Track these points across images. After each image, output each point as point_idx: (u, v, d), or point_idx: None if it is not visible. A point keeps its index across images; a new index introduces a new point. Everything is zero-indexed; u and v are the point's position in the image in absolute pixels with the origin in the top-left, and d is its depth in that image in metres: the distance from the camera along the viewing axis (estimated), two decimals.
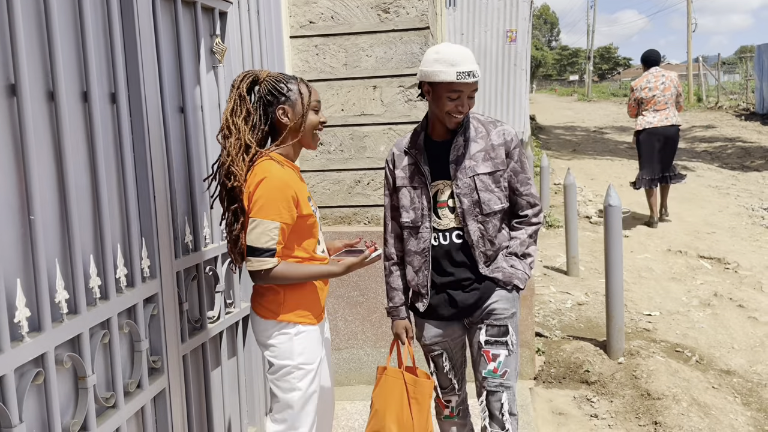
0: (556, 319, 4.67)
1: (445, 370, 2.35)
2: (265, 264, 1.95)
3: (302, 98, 2.05)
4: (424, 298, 2.27)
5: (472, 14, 9.70)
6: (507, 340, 2.22)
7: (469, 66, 2.05)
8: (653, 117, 6.74)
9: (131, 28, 1.92)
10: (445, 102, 2.09)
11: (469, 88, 2.08)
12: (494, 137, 2.19)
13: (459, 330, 2.32)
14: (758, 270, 5.59)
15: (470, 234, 2.18)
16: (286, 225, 1.98)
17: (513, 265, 2.23)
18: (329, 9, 3.50)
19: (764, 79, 19.82)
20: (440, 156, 2.20)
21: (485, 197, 2.16)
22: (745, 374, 3.81)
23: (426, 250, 2.22)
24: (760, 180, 10.04)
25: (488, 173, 2.17)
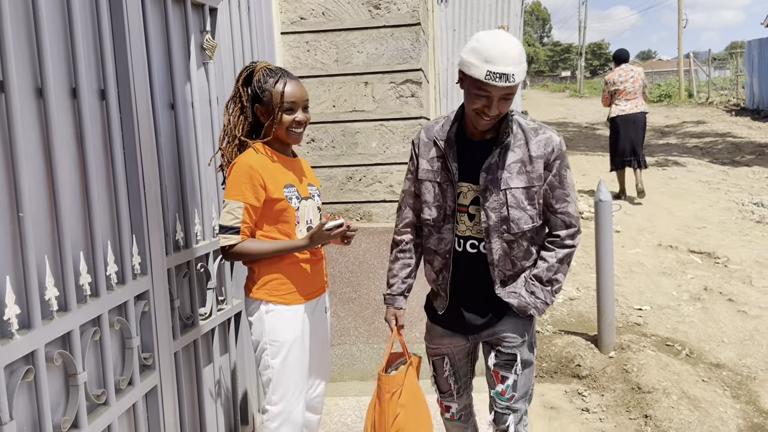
0: (547, 314, 4.69)
1: (445, 374, 2.26)
2: (228, 240, 2.10)
3: (273, 98, 2.12)
4: (444, 300, 2.12)
5: (464, 10, 9.70)
6: (514, 368, 2.08)
7: (504, 68, 1.77)
8: (625, 105, 7.81)
9: (120, 24, 1.91)
10: (473, 98, 1.86)
11: (499, 92, 1.81)
12: (533, 147, 1.94)
13: (463, 341, 2.18)
14: (748, 264, 5.63)
15: (492, 252, 1.98)
16: (251, 206, 2.10)
17: (534, 292, 2.03)
18: (320, 5, 3.49)
19: (754, 74, 19.95)
20: (471, 156, 1.98)
21: (515, 215, 1.95)
22: (734, 367, 3.85)
23: (448, 253, 2.04)
24: (750, 175, 10.11)
25: (522, 188, 1.94)
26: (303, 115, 2.18)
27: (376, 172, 3.59)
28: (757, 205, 7.85)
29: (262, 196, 2.11)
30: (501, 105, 1.85)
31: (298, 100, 2.15)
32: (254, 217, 2.13)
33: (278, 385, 2.18)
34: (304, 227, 2.23)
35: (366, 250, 3.52)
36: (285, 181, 2.17)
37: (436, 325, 2.21)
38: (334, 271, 3.53)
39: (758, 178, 9.76)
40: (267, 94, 2.13)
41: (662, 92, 27.59)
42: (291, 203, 2.16)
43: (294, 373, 2.19)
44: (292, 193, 2.18)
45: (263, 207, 2.13)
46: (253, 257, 2.15)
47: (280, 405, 2.18)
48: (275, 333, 2.16)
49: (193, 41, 2.50)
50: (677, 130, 16.89)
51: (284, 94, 2.11)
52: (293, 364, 2.18)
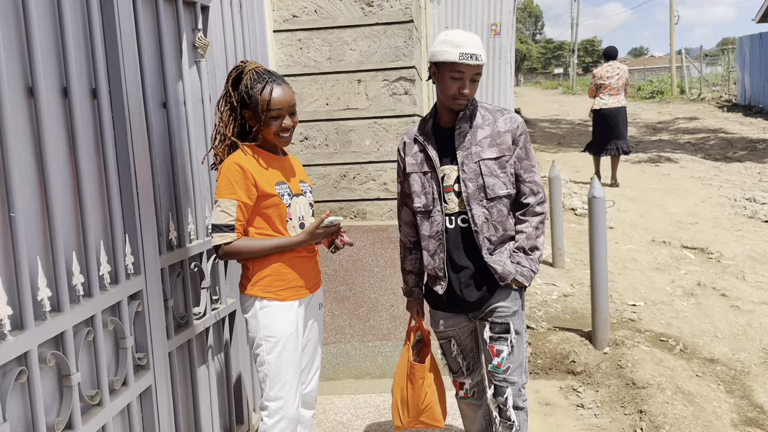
0: (542, 311, 4.71)
1: (453, 354, 2.46)
2: (223, 239, 2.12)
3: (260, 106, 2.14)
4: (442, 280, 2.31)
5: (457, 8, 9.69)
6: (508, 337, 2.27)
7: (473, 49, 2.11)
8: (608, 99, 8.66)
9: (111, 23, 1.90)
10: (448, 83, 2.16)
11: (471, 71, 2.13)
12: (501, 124, 2.24)
13: (465, 320, 2.38)
14: (740, 259, 5.66)
15: (474, 218, 2.21)
16: (244, 203, 2.12)
17: (519, 262, 2.25)
18: (313, 3, 3.48)
19: (746, 70, 20.04)
20: (447, 142, 2.26)
21: (490, 182, 2.20)
22: (728, 362, 3.87)
23: (440, 234, 2.27)
24: (743, 170, 10.16)
25: (494, 158, 2.21)
26: (290, 121, 2.20)
27: (369, 170, 3.58)
28: (749, 200, 7.89)
29: (254, 194, 2.13)
30: (472, 85, 2.17)
31: (284, 106, 2.16)
32: (247, 215, 2.16)
33: (275, 381, 2.19)
34: (296, 223, 2.24)
35: (360, 248, 3.52)
36: (276, 179, 2.20)
37: (439, 310, 2.40)
38: (328, 269, 3.53)
39: (750, 174, 9.82)
40: (254, 101, 2.15)
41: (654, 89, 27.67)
42: (283, 200, 2.18)
43: (290, 368, 2.20)
44: (283, 190, 2.20)
45: (255, 204, 2.15)
46: (248, 255, 2.17)
47: (279, 401, 2.20)
48: (270, 329, 2.18)
49: (185, 40, 2.49)
50: (670, 127, 16.96)
51: (270, 102, 2.13)
52: (289, 359, 2.20)
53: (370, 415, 3.23)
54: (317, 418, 3.19)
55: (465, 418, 2.62)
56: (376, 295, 3.53)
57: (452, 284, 2.30)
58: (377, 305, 3.54)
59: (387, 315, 3.54)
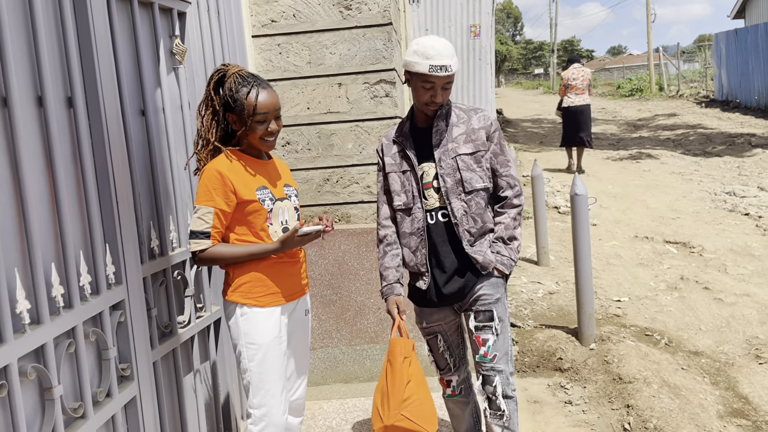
0: (528, 309, 4.73)
1: (441, 350, 2.48)
2: (199, 245, 2.11)
3: (246, 110, 2.13)
4: (424, 276, 2.36)
5: (436, 10, 9.73)
6: (492, 325, 2.33)
7: (442, 60, 2.18)
8: (575, 98, 9.80)
9: (86, 30, 1.88)
10: (420, 92, 2.26)
11: (441, 81, 2.22)
12: (475, 122, 2.34)
13: (451, 314, 2.43)
14: (722, 252, 5.73)
15: (454, 211, 2.29)
16: (222, 210, 2.12)
17: (499, 251, 2.34)
18: (291, 7, 3.47)
19: (723, 66, 20.33)
20: (425, 141, 2.35)
21: (467, 176, 2.29)
22: (712, 354, 3.91)
23: (421, 230, 2.34)
24: (722, 165, 10.29)
25: (469, 154, 2.30)
26: (275, 125, 2.20)
27: (353, 173, 3.58)
28: (729, 194, 7.99)
29: (233, 201, 2.13)
30: (443, 94, 2.26)
31: (270, 110, 2.16)
32: (225, 222, 2.15)
33: (258, 388, 2.17)
34: (278, 228, 2.22)
35: (346, 252, 3.51)
36: (257, 184, 2.18)
37: (424, 307, 2.43)
38: (314, 273, 3.51)
39: (729, 168, 9.94)
40: (239, 104, 2.13)
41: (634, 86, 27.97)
42: (264, 205, 2.17)
43: (273, 375, 2.18)
44: (265, 195, 2.18)
45: (235, 210, 2.15)
46: (224, 262, 2.17)
47: (263, 408, 2.18)
48: (251, 336, 2.17)
49: (162, 46, 2.47)
50: (649, 123, 17.14)
51: (257, 107, 2.12)
52: (272, 366, 2.18)
53: (360, 418, 3.22)
54: (306, 424, 3.18)
55: (453, 416, 2.63)
56: (362, 298, 3.53)
57: (435, 278, 2.35)
58: (364, 308, 3.53)
59: (374, 318, 3.53)
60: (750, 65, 18.28)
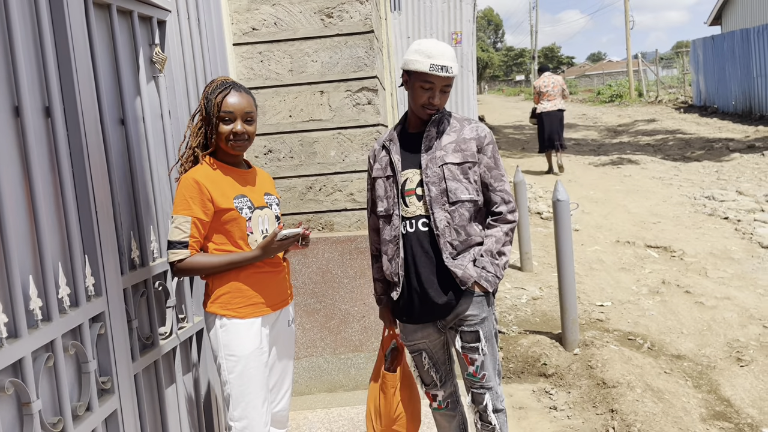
0: (512, 315, 4.74)
1: (426, 367, 2.43)
2: (176, 255, 2.09)
3: (212, 108, 2.15)
4: (396, 286, 2.30)
5: (417, 17, 9.78)
6: (479, 345, 2.26)
7: (444, 61, 2.14)
8: (547, 104, 10.23)
9: (64, 39, 1.85)
10: (418, 92, 2.20)
11: (441, 82, 2.17)
12: (467, 132, 2.27)
13: (435, 332, 2.35)
14: (702, 256, 5.80)
15: (436, 222, 2.20)
16: (199, 219, 2.10)
17: (484, 267, 2.23)
18: (272, 15, 3.47)
19: (700, 72, 20.64)
20: (413, 146, 2.29)
21: (452, 186, 2.21)
22: (694, 358, 3.94)
23: (397, 238, 2.27)
24: (701, 170, 10.43)
25: (457, 163, 2.22)
26: (242, 127, 2.16)
27: (336, 180, 3.57)
28: (708, 198, 8.09)
29: (210, 209, 2.11)
30: (441, 97, 2.21)
31: (235, 110, 2.15)
32: (203, 231, 2.13)
33: (238, 401, 2.15)
34: (258, 236, 2.21)
35: (329, 260, 3.49)
36: (235, 192, 2.17)
37: (407, 323, 2.37)
38: (297, 282, 3.49)
39: (708, 173, 10.08)
40: (209, 104, 2.16)
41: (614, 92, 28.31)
42: (242, 213, 2.16)
43: (254, 387, 2.15)
44: (243, 204, 2.17)
45: (213, 219, 2.13)
46: (203, 271, 2.14)
47: (243, 421, 2.15)
48: (231, 347, 2.14)
49: (141, 55, 2.45)
50: (629, 129, 17.34)
51: (222, 104, 2.13)
52: (252, 378, 2.15)
53: (345, 428, 3.20)
54: None
55: (440, 427, 2.61)
56: (346, 306, 3.51)
57: (413, 291, 2.26)
58: (348, 317, 3.51)
59: (358, 326, 3.52)
60: (727, 71, 18.59)
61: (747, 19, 20.31)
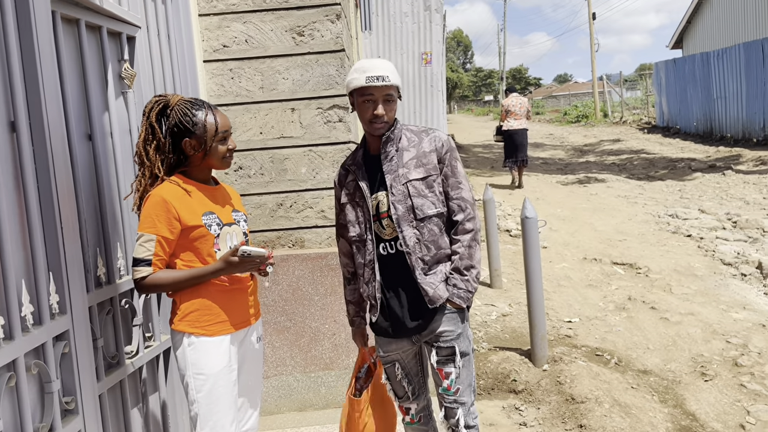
0: (482, 332, 4.76)
1: (398, 378, 2.43)
2: (140, 273, 2.07)
3: (208, 131, 2.14)
4: (374, 308, 2.32)
5: (388, 37, 9.88)
6: (455, 359, 2.29)
7: (378, 71, 2.16)
8: (513, 123, 10.76)
9: (30, 54, 1.83)
10: (363, 108, 2.21)
11: (380, 92, 2.18)
12: (426, 144, 2.27)
13: (409, 344, 2.36)
14: (667, 273, 5.92)
15: (406, 239, 2.22)
16: (164, 238, 2.07)
17: (455, 284, 2.25)
18: (243, 33, 3.47)
19: (663, 94, 21.23)
20: (377, 168, 2.29)
21: (418, 202, 2.22)
22: (660, 373, 4.01)
23: (372, 261, 2.27)
24: (664, 189, 10.68)
25: (420, 179, 2.23)
26: (233, 143, 2.24)
27: (306, 197, 3.57)
28: (671, 216, 8.28)
29: (176, 228, 2.09)
30: (386, 107, 2.20)
31: (228, 128, 2.21)
32: (168, 249, 2.10)
33: (206, 420, 2.11)
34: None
35: (300, 277, 3.48)
36: (204, 209, 2.16)
37: (381, 336, 2.38)
38: (267, 300, 3.46)
39: (672, 192, 10.33)
40: (200, 127, 2.13)
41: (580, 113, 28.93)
42: (210, 230, 2.14)
43: (222, 406, 2.12)
44: (211, 220, 2.16)
45: (180, 236, 2.10)
46: (166, 287, 2.11)
47: None
48: (198, 365, 2.11)
49: (110, 70, 2.43)
50: (596, 149, 17.70)
51: (219, 126, 2.16)
52: (220, 396, 2.12)
53: None
54: None
55: None
56: (317, 324, 3.49)
57: (392, 310, 2.28)
58: (318, 334, 3.49)
59: (329, 344, 3.50)
60: (688, 93, 19.16)
61: (707, 42, 21.02)
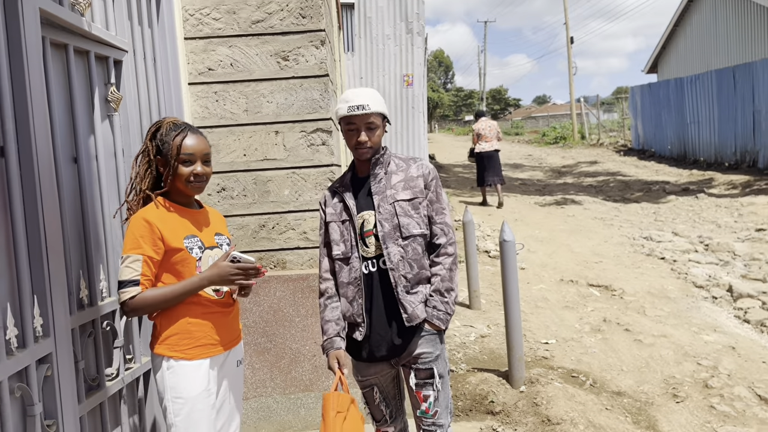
0: (461, 353, 4.81)
1: (377, 401, 2.47)
2: (127, 294, 2.05)
3: (171, 150, 2.16)
4: (360, 326, 2.35)
5: (370, 59, 10.01)
6: (433, 382, 2.34)
7: (360, 100, 2.28)
8: (485, 145, 11.38)
9: (21, 80, 1.86)
10: (348, 136, 2.34)
11: (361, 120, 2.30)
12: (413, 170, 2.40)
13: (387, 367, 2.41)
14: (641, 295, 6.04)
15: (390, 256, 2.30)
16: (150, 258, 2.08)
17: (435, 306, 2.33)
18: (228, 56, 3.53)
19: (638, 118, 21.68)
20: (364, 189, 2.40)
21: (404, 221, 2.32)
22: (633, 394, 4.08)
23: (358, 279, 2.34)
24: (639, 211, 10.89)
25: (407, 200, 2.35)
26: (202, 168, 2.20)
27: (289, 219, 3.61)
28: (646, 239, 8.45)
29: (161, 248, 2.11)
30: (369, 133, 2.32)
31: (195, 152, 2.18)
32: (154, 269, 2.11)
33: None
34: None
35: (281, 299, 3.51)
36: (186, 232, 2.18)
37: (360, 361, 2.42)
38: (248, 321, 3.48)
39: (646, 214, 10.54)
40: (166, 147, 2.16)
41: (558, 134, 29.38)
42: (192, 253, 2.16)
43: (200, 430, 2.13)
44: (193, 243, 2.18)
45: (164, 259, 2.12)
46: (156, 306, 2.09)
47: None
48: (177, 389, 2.12)
49: (97, 94, 2.46)
50: (573, 170, 17.97)
51: (181, 146, 2.15)
52: (198, 420, 2.12)
53: None
54: None
55: None
56: (297, 345, 3.51)
57: (372, 330, 2.33)
58: (299, 356, 3.51)
59: (309, 365, 3.52)
60: (663, 117, 19.60)
61: (681, 68, 21.54)
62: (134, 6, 2.82)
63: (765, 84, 14.15)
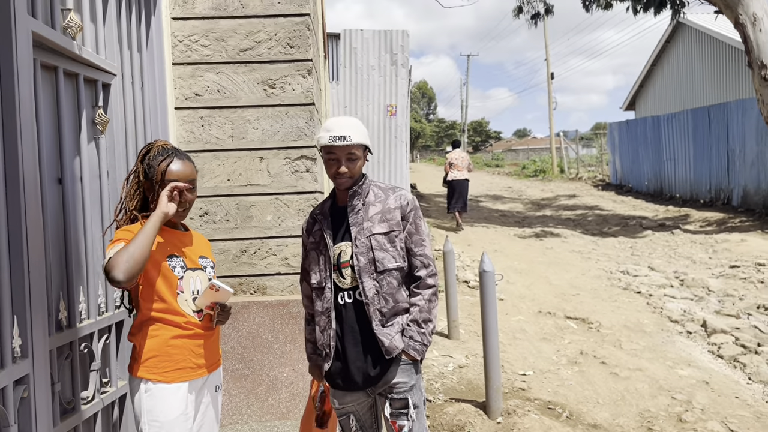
0: (439, 383, 4.81)
1: (353, 430, 2.46)
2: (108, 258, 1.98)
3: (156, 176, 2.18)
4: (328, 357, 2.35)
5: (355, 89, 10.13)
6: (408, 412, 2.33)
7: (340, 131, 2.25)
8: (456, 174, 12.30)
9: (11, 101, 1.88)
10: (327, 165, 2.32)
11: (342, 151, 2.27)
12: (391, 201, 2.37)
13: (363, 396, 2.41)
14: (617, 329, 6.10)
15: (365, 290, 2.29)
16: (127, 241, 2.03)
17: (411, 336, 2.32)
18: (215, 83, 3.57)
19: (616, 153, 22.10)
20: (343, 219, 2.37)
21: (380, 256, 2.30)
22: (609, 427, 4.11)
23: (329, 310, 2.33)
24: (617, 245, 11.04)
25: (383, 233, 2.32)
26: (186, 195, 2.21)
27: (271, 245, 3.62)
28: (623, 273, 8.56)
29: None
30: (349, 164, 2.29)
31: (180, 178, 2.19)
32: None
33: None
34: (188, 296, 2.21)
35: (260, 324, 3.49)
36: (169, 252, 2.19)
37: (337, 389, 2.41)
38: (226, 346, 3.46)
39: (623, 248, 10.68)
40: (152, 171, 2.18)
41: (537, 167, 29.79)
42: (174, 271, 2.17)
43: None
44: (175, 263, 2.19)
45: (144, 273, 2.09)
46: (131, 257, 1.94)
47: None
48: (154, 413, 2.10)
49: (84, 116, 2.48)
50: (552, 203, 18.20)
51: (166, 172, 2.17)
52: None
53: None
54: None
55: None
56: (275, 372, 3.49)
57: (347, 360, 2.32)
58: (276, 383, 3.49)
59: (286, 393, 3.50)
60: (640, 153, 20.00)
61: (658, 106, 22.09)
62: (124, 31, 2.86)
63: (739, 124, 14.55)
